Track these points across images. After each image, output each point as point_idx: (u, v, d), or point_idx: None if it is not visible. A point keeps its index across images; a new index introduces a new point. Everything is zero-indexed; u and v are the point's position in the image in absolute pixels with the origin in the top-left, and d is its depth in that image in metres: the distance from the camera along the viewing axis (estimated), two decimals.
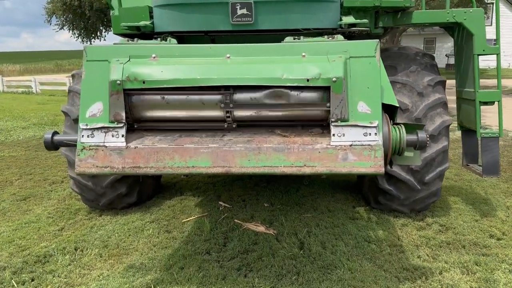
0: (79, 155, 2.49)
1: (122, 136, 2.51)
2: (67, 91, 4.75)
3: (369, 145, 2.44)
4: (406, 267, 3.45)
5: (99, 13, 20.75)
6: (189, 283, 3.21)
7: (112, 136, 2.51)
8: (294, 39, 2.83)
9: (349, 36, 4.51)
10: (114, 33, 4.59)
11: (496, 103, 4.06)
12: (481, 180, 5.65)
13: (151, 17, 3.99)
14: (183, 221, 4.43)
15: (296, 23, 3.68)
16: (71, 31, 30.34)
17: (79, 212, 4.72)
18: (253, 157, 2.46)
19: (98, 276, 3.35)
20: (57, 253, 3.72)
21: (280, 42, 2.94)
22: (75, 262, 3.59)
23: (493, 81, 4.30)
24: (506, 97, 14.44)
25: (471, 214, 4.51)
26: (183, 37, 4.47)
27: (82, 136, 2.51)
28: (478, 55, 4.00)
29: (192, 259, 3.59)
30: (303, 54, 2.55)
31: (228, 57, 2.56)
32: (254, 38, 4.34)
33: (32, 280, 3.31)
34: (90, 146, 2.50)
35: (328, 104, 2.48)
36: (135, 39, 3.16)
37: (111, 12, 4.44)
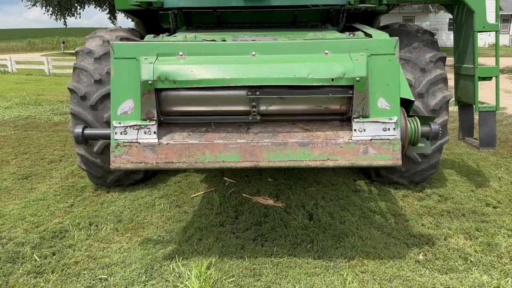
0: (113, 151, 2.60)
1: (154, 133, 2.61)
2: (44, 70, 4.69)
3: (388, 139, 2.60)
4: (412, 234, 3.65)
5: None
6: (210, 253, 3.32)
7: (145, 133, 2.61)
8: (315, 35, 2.87)
9: (353, 14, 4.60)
10: (117, 9, 4.54)
11: (493, 78, 4.25)
12: (472, 153, 5.92)
13: None
14: (191, 196, 4.51)
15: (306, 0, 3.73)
16: (44, 7, 29.34)
17: (85, 189, 4.74)
18: (280, 152, 2.61)
19: (119, 249, 3.42)
20: (73, 229, 3.76)
21: (289, 20, 3.02)
22: (92, 237, 3.64)
23: (482, 59, 4.47)
24: None
25: (467, 185, 4.75)
26: (189, 13, 4.47)
27: (116, 133, 2.60)
28: (478, 32, 4.15)
29: (208, 231, 3.69)
30: (326, 51, 2.63)
31: (254, 54, 2.63)
32: (262, 15, 4.38)
33: (53, 254, 3.35)
34: (124, 142, 2.60)
35: (350, 101, 2.61)
36: (161, 35, 3.11)
37: None
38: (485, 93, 5.39)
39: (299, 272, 3.07)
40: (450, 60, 5.27)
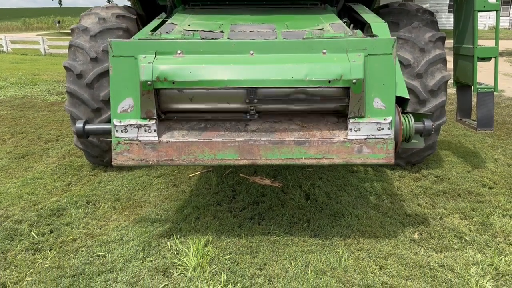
0: (115, 149, 2.66)
1: (154, 131, 2.66)
2: (40, 50, 4.64)
3: (382, 138, 2.66)
4: (408, 214, 3.68)
5: None
6: (207, 231, 3.35)
7: (145, 131, 2.66)
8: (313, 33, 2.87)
9: None
10: None
11: (492, 59, 4.22)
12: (469, 135, 5.93)
13: None
14: (189, 175, 4.52)
15: None
16: None
17: (82, 168, 4.73)
18: (277, 150, 2.68)
19: (116, 226, 3.44)
20: (70, 207, 3.77)
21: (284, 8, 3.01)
22: (90, 215, 3.66)
23: (481, 42, 4.44)
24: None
25: (463, 166, 4.77)
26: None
27: (116, 131, 2.65)
28: (479, 11, 4.11)
29: (205, 210, 3.71)
30: (324, 51, 2.64)
31: (252, 53, 2.64)
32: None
33: (51, 232, 3.37)
34: (124, 140, 2.66)
35: (346, 100, 2.65)
36: (158, 31, 3.09)
37: None
38: (483, 76, 5.38)
39: (295, 250, 3.10)
40: (449, 43, 5.23)
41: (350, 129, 2.66)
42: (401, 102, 2.93)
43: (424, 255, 3.05)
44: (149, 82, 2.53)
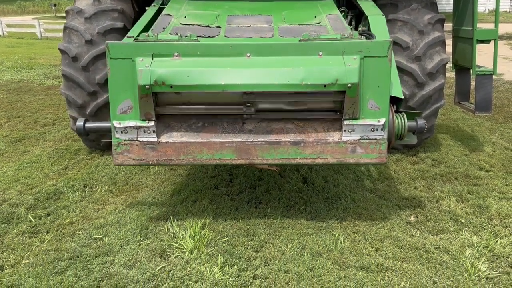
0: (116, 149, 2.73)
1: (154, 131, 2.71)
2: (36, 34, 4.57)
3: (375, 139, 2.73)
4: (405, 197, 3.68)
5: None
6: (204, 214, 3.35)
7: (144, 132, 2.71)
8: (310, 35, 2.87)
9: None
10: None
11: (492, 42, 4.18)
12: (467, 119, 5.92)
13: None
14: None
15: None
16: None
17: (79, 152, 4.72)
18: (273, 150, 2.76)
19: (114, 210, 3.44)
20: (67, 191, 3.77)
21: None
22: (87, 198, 3.66)
23: (481, 25, 4.38)
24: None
25: (460, 149, 4.77)
26: None
27: (116, 132, 2.70)
28: None
29: (202, 194, 3.71)
30: (320, 53, 2.65)
31: (249, 56, 2.65)
32: None
33: (48, 215, 3.37)
34: (125, 141, 2.72)
35: (341, 102, 2.68)
36: (156, 32, 3.07)
37: None
38: (482, 59, 5.33)
39: (291, 232, 3.11)
40: (448, 26, 5.18)
41: (345, 130, 2.73)
42: (395, 100, 2.98)
43: (420, 238, 3.06)
44: (147, 86, 2.57)
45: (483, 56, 5.89)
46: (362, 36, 2.99)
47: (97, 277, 2.62)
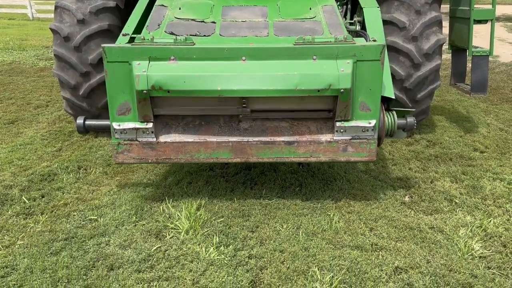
0: (116, 148, 2.82)
1: (152, 132, 2.79)
2: (27, 14, 4.48)
3: (366, 139, 2.84)
4: (399, 177, 3.70)
5: None
6: (200, 195, 3.35)
7: (143, 132, 2.79)
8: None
9: None
10: None
11: (489, 22, 4.15)
12: (462, 100, 5.92)
13: None
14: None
15: None
16: None
17: (73, 134, 4.68)
18: (268, 150, 2.86)
19: (108, 191, 3.43)
20: (61, 172, 3.75)
21: None
22: (81, 180, 3.64)
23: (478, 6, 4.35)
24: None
25: (455, 130, 4.77)
26: None
27: (116, 132, 2.78)
28: None
29: (198, 175, 3.71)
30: (314, 57, 2.70)
31: (244, 60, 2.70)
32: None
33: (42, 196, 3.36)
34: (124, 141, 2.81)
35: (333, 105, 2.76)
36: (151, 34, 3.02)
37: None
38: (479, 41, 5.30)
39: (287, 213, 3.12)
40: (445, 7, 5.12)
41: (337, 131, 2.82)
42: (387, 98, 3.02)
43: (414, 218, 3.08)
44: (145, 91, 2.62)
45: (479, 38, 5.86)
46: (355, 39, 2.99)
47: (93, 258, 2.62)
